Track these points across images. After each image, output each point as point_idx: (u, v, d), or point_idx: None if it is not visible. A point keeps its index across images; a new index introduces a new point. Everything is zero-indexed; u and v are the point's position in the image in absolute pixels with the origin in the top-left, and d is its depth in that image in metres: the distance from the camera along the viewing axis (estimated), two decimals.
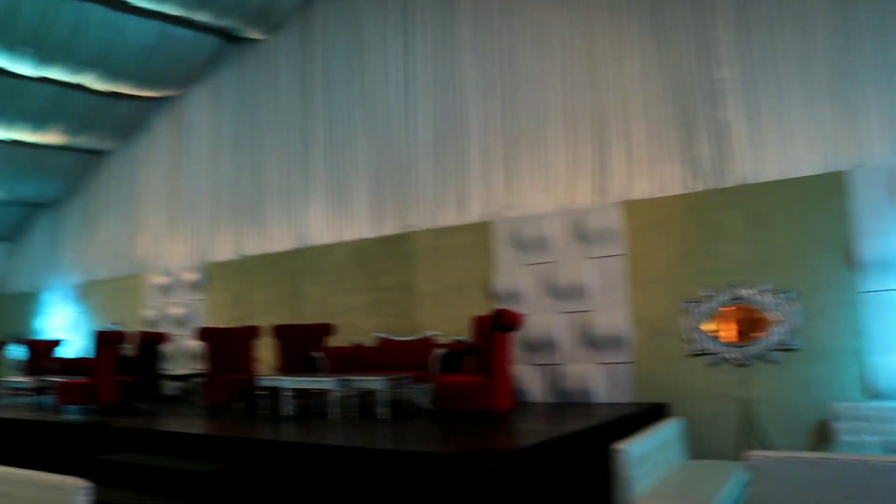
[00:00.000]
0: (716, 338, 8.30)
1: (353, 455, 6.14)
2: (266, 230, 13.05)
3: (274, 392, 9.05)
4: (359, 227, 11.70)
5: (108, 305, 16.08)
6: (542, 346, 9.43)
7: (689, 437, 7.56)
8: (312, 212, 12.36)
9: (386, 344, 10.20)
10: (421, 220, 10.97)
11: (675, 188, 8.86)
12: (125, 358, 11.52)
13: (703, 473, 6.59)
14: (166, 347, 12.09)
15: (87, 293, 16.69)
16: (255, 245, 13.19)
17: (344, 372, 9.53)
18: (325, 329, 10.75)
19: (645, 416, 7.85)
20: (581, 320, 9.26)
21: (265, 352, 11.11)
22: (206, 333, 10.49)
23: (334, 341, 10.86)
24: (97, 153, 16.59)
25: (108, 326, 15.32)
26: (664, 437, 6.68)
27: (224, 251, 13.74)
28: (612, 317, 9.02)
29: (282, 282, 12.57)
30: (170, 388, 12.36)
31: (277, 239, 12.84)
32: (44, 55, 12.46)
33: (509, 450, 5.93)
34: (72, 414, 10.33)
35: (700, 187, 8.68)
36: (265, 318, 12.30)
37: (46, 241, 18.22)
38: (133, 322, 15.02)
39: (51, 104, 14.15)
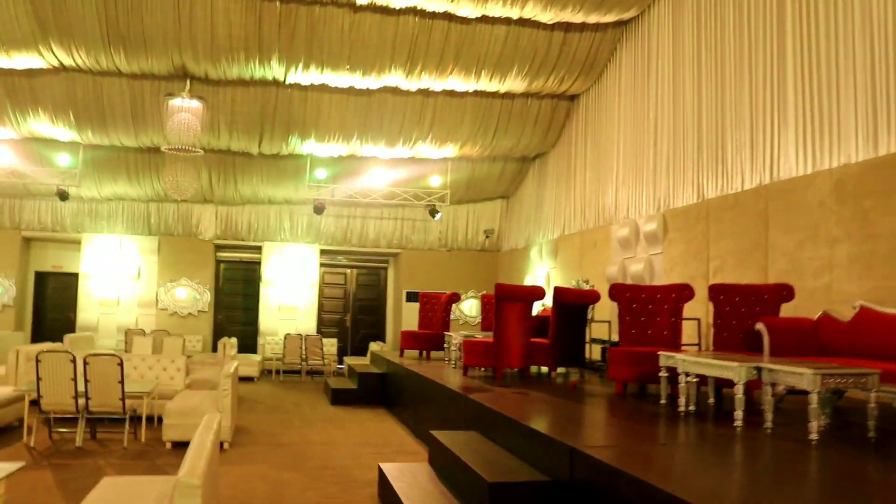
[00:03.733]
0: None
1: None
2: (727, 165, 10.11)
3: (674, 374, 6.41)
4: (844, 148, 8.06)
5: (575, 261, 14.80)
6: None
7: None
8: (782, 134, 9.04)
9: (867, 317, 6.64)
10: None
11: None
12: (544, 318, 9.94)
13: None
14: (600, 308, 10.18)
15: (560, 248, 15.66)
16: (716, 185, 10.35)
17: (793, 354, 6.46)
18: (779, 292, 7.57)
19: None
20: None
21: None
22: (618, 291, 8.23)
23: (796, 310, 7.63)
24: (569, 97, 15.35)
25: (576, 284, 14.09)
26: None
27: (683, 195, 11.17)
28: None
29: (744, 230, 9.54)
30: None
31: (739, 175, 9.81)
32: None
33: None
34: (471, 375, 9.12)
35: None
36: (725, 276, 9.56)
37: (534, 195, 17.77)
38: (597, 279, 13.45)
39: (504, 46, 13.24)
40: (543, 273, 16.38)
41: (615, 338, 11.94)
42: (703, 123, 10.74)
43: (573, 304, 9.60)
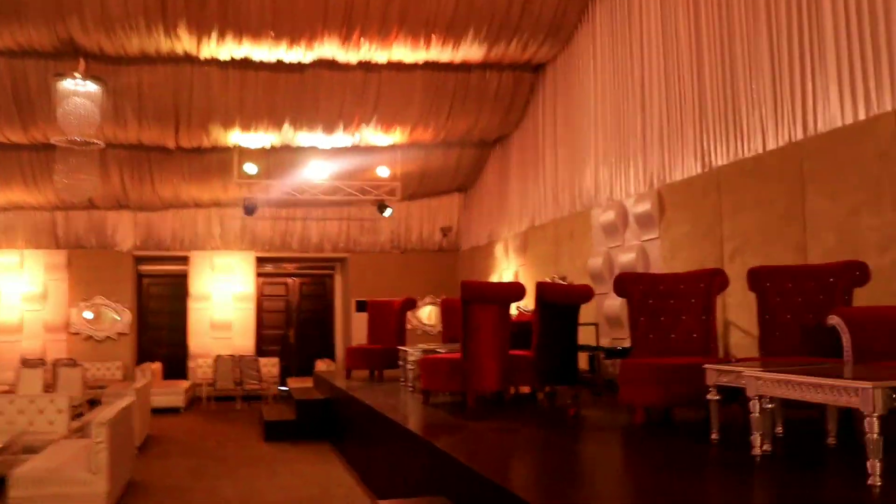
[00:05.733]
0: None
1: None
2: (741, 123, 8.15)
3: (738, 397, 4.35)
4: None
5: (549, 255, 12.77)
6: None
7: None
8: (818, 74, 7.09)
9: None
10: None
11: None
12: (524, 324, 7.87)
13: None
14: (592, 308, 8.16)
15: (530, 241, 13.62)
16: (727, 149, 8.39)
17: (884, 358, 4.49)
18: (850, 273, 5.59)
19: None
20: None
21: (747, 317, 6.47)
22: (628, 283, 6.18)
23: (874, 297, 5.67)
24: (533, 68, 13.33)
25: (552, 282, 12.04)
26: None
27: (684, 166, 9.21)
28: None
29: (771, 199, 7.55)
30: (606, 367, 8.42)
31: (760, 133, 7.85)
32: None
33: None
34: (433, 404, 7.00)
35: None
36: (746, 259, 7.58)
37: (496, 185, 15.73)
38: (577, 274, 11.44)
39: (457, 4, 11.17)
40: (511, 272, 14.33)
41: (604, 343, 9.98)
42: (706, 76, 8.77)
43: (561, 304, 7.53)
